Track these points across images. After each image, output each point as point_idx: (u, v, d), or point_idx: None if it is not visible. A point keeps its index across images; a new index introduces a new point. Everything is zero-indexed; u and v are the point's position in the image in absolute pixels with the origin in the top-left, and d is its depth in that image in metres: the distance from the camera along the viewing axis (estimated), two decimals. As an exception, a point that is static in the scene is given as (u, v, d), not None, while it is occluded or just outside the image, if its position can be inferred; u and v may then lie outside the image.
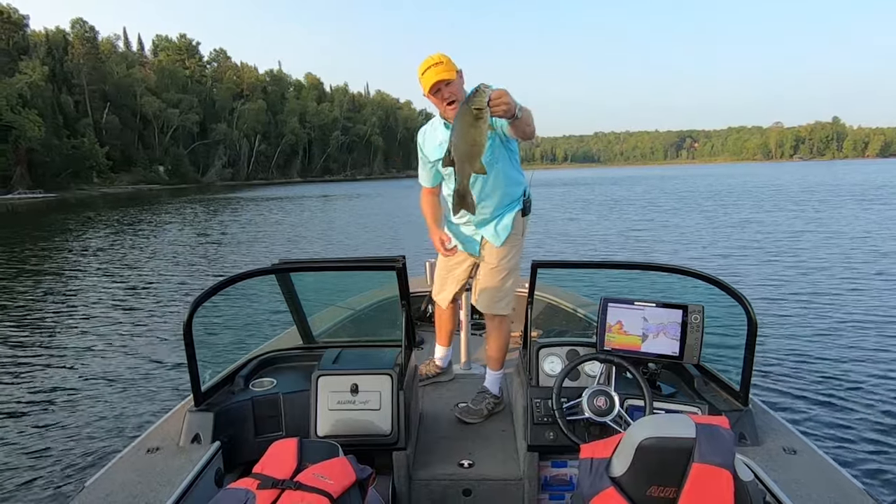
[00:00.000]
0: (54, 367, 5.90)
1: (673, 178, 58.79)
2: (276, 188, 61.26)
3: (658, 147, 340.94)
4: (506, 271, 2.72)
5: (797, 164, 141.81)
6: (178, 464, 1.90)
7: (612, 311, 2.20)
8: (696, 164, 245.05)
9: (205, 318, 6.75)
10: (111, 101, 70.75)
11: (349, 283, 4.74)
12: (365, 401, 2.16)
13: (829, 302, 7.79)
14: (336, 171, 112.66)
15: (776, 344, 5.97)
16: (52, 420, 4.58)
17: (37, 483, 3.64)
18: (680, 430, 1.11)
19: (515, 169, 2.65)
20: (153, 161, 75.71)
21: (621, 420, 2.04)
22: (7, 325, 7.68)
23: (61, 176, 54.40)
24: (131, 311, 8.37)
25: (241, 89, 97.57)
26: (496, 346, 2.83)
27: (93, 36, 76.35)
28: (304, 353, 2.76)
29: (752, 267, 10.68)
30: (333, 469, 1.34)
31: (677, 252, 12.93)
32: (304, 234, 18.68)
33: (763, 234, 15.27)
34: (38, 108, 51.14)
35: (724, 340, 4.32)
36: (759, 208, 22.58)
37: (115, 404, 4.86)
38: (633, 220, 20.00)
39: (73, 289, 10.29)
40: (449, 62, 2.41)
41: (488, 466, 2.33)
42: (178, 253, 14.66)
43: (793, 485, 1.73)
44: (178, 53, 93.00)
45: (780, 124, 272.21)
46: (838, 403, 4.59)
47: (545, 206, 26.47)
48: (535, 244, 14.10)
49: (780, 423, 2.16)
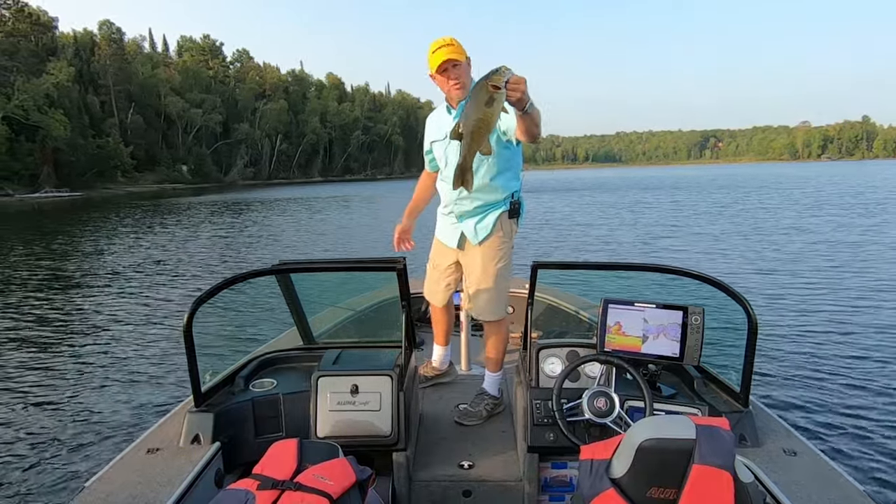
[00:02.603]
0: (55, 367, 5.89)
1: (710, 182, 50.83)
2: (296, 188, 61.57)
3: (681, 147, 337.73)
4: (493, 276, 2.66)
5: (825, 165, 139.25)
6: (179, 464, 1.91)
7: (613, 312, 2.18)
8: (720, 164, 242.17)
9: (205, 318, 6.76)
10: (136, 101, 71.98)
11: (350, 283, 4.75)
12: (365, 402, 2.15)
13: (829, 303, 7.73)
14: (356, 170, 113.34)
15: (777, 345, 5.93)
16: (53, 420, 4.57)
17: (37, 483, 3.64)
18: (680, 431, 1.12)
19: (509, 171, 2.60)
20: (176, 160, 76.93)
21: (621, 421, 2.02)
22: (7, 326, 7.68)
23: (87, 175, 55.44)
24: (133, 311, 8.35)
25: (264, 89, 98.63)
26: (495, 348, 2.81)
27: (119, 37, 77.88)
28: (304, 354, 2.76)
29: (751, 267, 10.63)
30: (333, 470, 1.34)
31: (677, 252, 12.86)
32: (310, 234, 18.68)
33: (764, 233, 15.18)
34: (64, 108, 52.19)
35: (724, 342, 4.29)
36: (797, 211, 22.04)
37: (116, 404, 4.86)
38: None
39: (77, 288, 10.26)
40: (459, 45, 2.41)
41: (488, 467, 2.33)
42: (186, 253, 14.63)
43: (793, 486, 1.71)
44: (202, 54, 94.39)
45: (807, 123, 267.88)
46: (839, 405, 4.55)
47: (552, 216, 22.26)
48: (535, 244, 14.08)
49: (780, 424, 2.14)
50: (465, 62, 2.44)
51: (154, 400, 4.93)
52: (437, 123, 2.68)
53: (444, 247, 2.83)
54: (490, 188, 2.56)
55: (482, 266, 2.66)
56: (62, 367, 5.91)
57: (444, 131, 2.55)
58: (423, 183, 3.01)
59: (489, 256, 2.65)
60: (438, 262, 2.90)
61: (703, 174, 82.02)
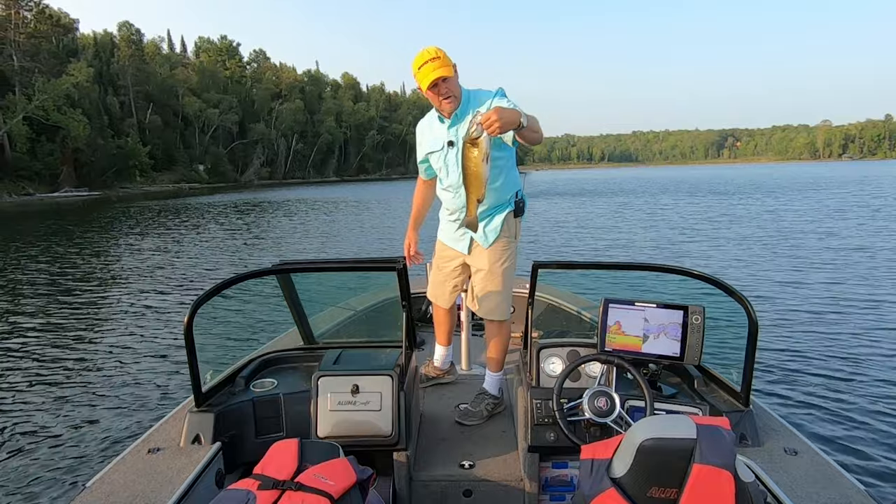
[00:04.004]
0: (55, 367, 5.90)
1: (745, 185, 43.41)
2: (311, 188, 61.72)
3: (699, 146, 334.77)
4: (500, 276, 2.68)
5: (847, 164, 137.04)
6: (179, 464, 1.92)
7: (613, 311, 2.18)
8: (738, 164, 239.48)
9: (206, 318, 6.81)
10: (154, 101, 72.69)
11: (352, 283, 4.76)
12: (366, 402, 2.16)
13: (830, 303, 7.67)
14: (371, 170, 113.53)
15: (777, 345, 5.89)
16: (53, 420, 4.59)
17: (38, 483, 3.65)
18: (681, 430, 1.11)
19: (508, 171, 2.61)
20: (193, 160, 77.50)
21: (622, 421, 2.02)
22: (8, 325, 7.70)
23: (106, 175, 56.01)
24: (135, 311, 8.36)
25: (280, 89, 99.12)
26: (496, 348, 2.81)
27: (138, 38, 78.91)
28: (304, 354, 2.78)
29: (751, 267, 10.54)
30: (334, 470, 1.34)
31: (679, 251, 12.76)
32: (318, 235, 18.62)
33: (763, 234, 15.03)
34: (84, 109, 52.79)
35: (724, 341, 4.26)
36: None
37: (117, 405, 4.87)
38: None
39: (78, 288, 10.24)
40: (445, 57, 2.41)
41: (489, 467, 2.33)
42: (190, 252, 14.64)
43: (794, 486, 1.71)
44: (219, 54, 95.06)
45: (828, 122, 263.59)
46: (839, 404, 4.52)
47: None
48: (535, 245, 14.04)
49: (780, 423, 2.14)
50: (453, 73, 2.45)
51: (155, 400, 4.94)
52: (431, 134, 2.68)
53: (450, 249, 2.84)
54: (495, 192, 2.58)
55: (489, 267, 2.67)
56: (63, 366, 5.92)
57: (440, 141, 2.59)
58: (421, 193, 2.99)
59: (496, 257, 2.67)
60: (444, 265, 2.90)
61: (721, 174, 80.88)
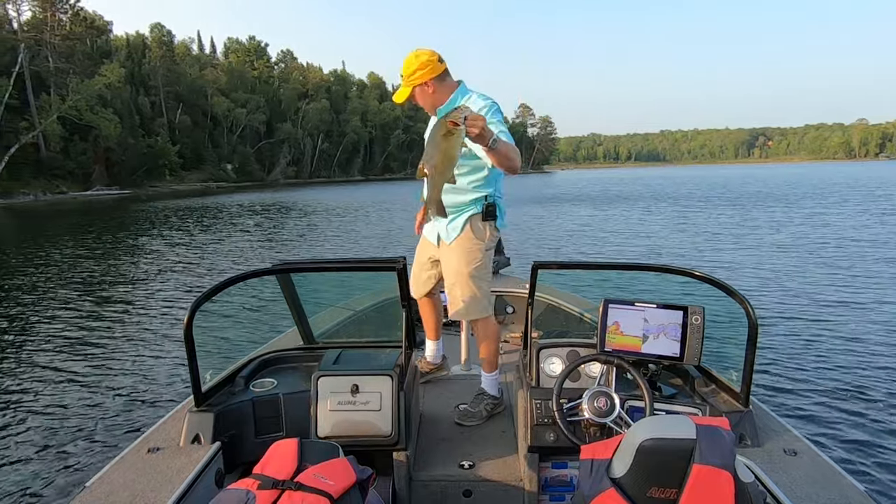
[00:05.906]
0: (55, 366, 5.95)
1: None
2: (336, 188, 62.03)
3: (728, 145, 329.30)
4: (466, 278, 2.71)
5: (884, 164, 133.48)
6: (179, 464, 1.93)
7: (613, 312, 2.16)
8: (769, 164, 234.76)
9: (206, 318, 6.88)
10: (184, 101, 73.88)
11: (352, 283, 4.77)
12: (365, 401, 2.16)
13: (830, 303, 7.60)
14: (396, 169, 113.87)
15: (777, 345, 5.85)
16: (53, 420, 4.62)
17: (37, 483, 3.69)
18: (680, 431, 1.11)
19: (477, 176, 2.63)
20: (221, 159, 78.58)
21: (622, 421, 2.01)
22: (8, 325, 7.80)
23: (136, 174, 57.23)
24: (135, 311, 8.42)
25: (307, 89, 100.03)
26: (486, 349, 2.82)
27: (169, 40, 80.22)
28: (304, 354, 2.79)
29: (751, 267, 10.47)
30: (334, 469, 1.34)
31: (678, 250, 12.68)
32: (318, 234, 18.64)
33: (764, 233, 14.92)
34: (116, 109, 54.01)
35: (724, 341, 4.23)
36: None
37: (116, 404, 4.91)
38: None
39: (79, 288, 10.31)
40: (410, 76, 2.50)
41: (489, 467, 2.32)
42: (197, 252, 14.66)
43: (793, 486, 1.69)
44: (248, 55, 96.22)
45: (864, 121, 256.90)
46: (839, 405, 4.49)
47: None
48: (535, 245, 14.01)
49: (780, 424, 2.12)
50: (428, 79, 2.53)
51: (154, 400, 4.98)
52: (428, 127, 2.74)
53: (426, 241, 2.92)
54: (457, 191, 2.60)
55: (455, 266, 2.71)
56: (63, 366, 5.98)
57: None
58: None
59: (461, 257, 2.69)
60: (420, 256, 2.99)
61: (752, 174, 79.38)
